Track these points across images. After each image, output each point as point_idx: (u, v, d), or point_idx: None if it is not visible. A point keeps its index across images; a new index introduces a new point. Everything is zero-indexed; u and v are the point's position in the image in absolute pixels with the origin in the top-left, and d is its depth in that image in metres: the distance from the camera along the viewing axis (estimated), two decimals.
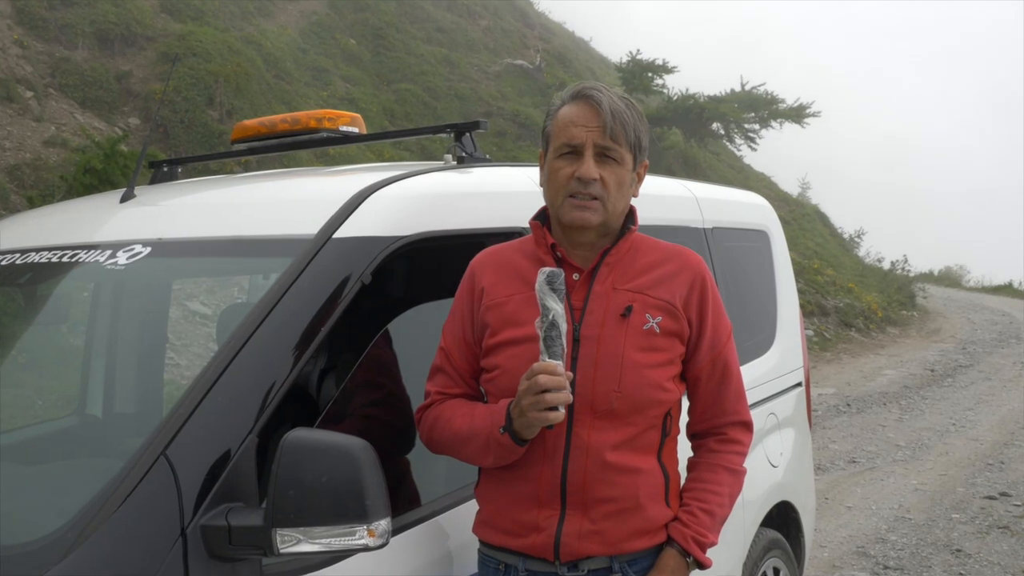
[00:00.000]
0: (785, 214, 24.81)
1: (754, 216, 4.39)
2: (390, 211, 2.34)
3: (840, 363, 15.73)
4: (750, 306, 4.00)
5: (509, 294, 2.19)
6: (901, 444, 9.65)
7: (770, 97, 23.41)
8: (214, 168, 10.09)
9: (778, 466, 3.93)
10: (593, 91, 2.16)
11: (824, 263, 22.63)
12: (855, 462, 8.92)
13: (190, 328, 8.28)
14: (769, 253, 4.37)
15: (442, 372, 2.27)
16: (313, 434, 1.79)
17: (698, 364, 2.23)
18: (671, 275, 2.21)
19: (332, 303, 2.12)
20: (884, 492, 7.87)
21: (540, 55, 23.04)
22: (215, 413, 1.90)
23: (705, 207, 3.82)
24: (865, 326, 19.37)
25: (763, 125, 23.81)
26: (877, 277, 24.39)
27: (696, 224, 3.69)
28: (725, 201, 4.23)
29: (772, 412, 3.97)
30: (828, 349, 16.93)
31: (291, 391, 2.03)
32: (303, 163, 11.61)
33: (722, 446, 2.28)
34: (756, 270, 4.23)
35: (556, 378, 1.95)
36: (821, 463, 8.75)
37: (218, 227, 2.48)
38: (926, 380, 13.84)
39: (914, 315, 22.13)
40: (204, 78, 12.89)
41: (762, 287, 4.25)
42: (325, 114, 3.23)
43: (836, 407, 11.63)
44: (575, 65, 26.42)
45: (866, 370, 14.88)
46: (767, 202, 4.67)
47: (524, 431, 2.04)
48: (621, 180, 2.16)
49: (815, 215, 28.26)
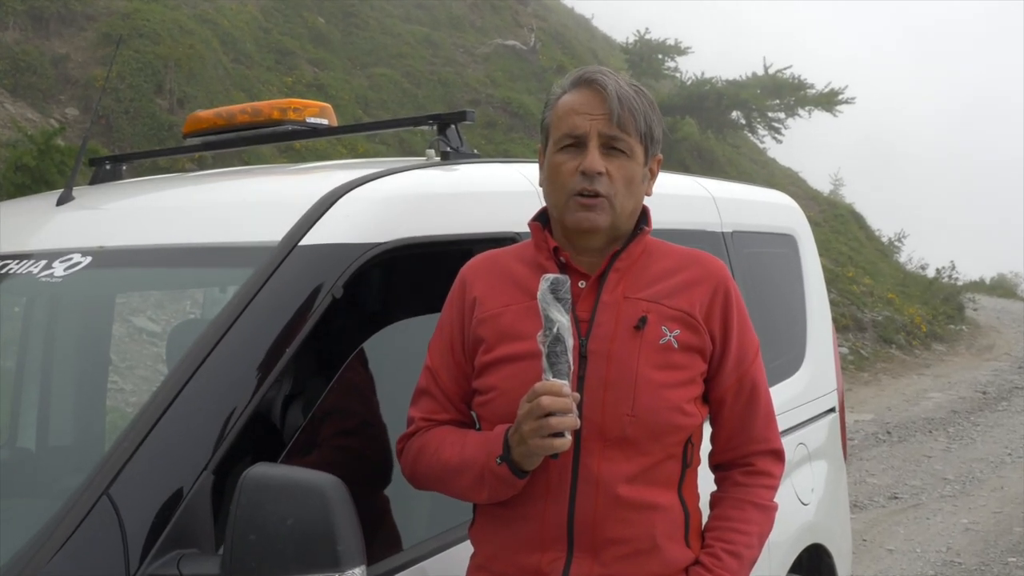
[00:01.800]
0: (815, 215, 24.87)
1: (780, 218, 4.40)
2: (364, 215, 2.34)
3: (879, 385, 15.75)
4: (776, 321, 4.01)
5: (506, 304, 2.19)
6: (949, 477, 9.66)
7: (797, 82, 23.46)
8: (164, 166, 10.09)
9: (809, 504, 3.94)
10: (597, 75, 2.17)
11: (860, 271, 22.67)
12: (897, 498, 8.93)
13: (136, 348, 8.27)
14: (797, 260, 4.38)
15: (428, 395, 2.26)
16: (277, 470, 1.79)
17: (722, 385, 2.23)
18: (690, 283, 2.21)
19: (299, 319, 2.12)
20: (930, 532, 7.88)
21: (535, 34, 23.09)
22: (165, 446, 1.90)
23: (724, 208, 3.83)
24: (907, 342, 19.40)
25: (790, 113, 23.85)
26: (921, 286, 24.41)
27: (714, 227, 3.70)
28: (747, 201, 4.24)
29: (802, 442, 3.97)
30: (865, 369, 16.96)
31: (252, 420, 2.02)
32: (266, 160, 11.61)
33: (750, 479, 2.28)
34: (782, 279, 4.24)
35: (561, 400, 1.94)
36: (858, 500, 8.75)
37: (168, 234, 2.48)
38: (977, 404, 13.87)
39: (963, 329, 22.17)
40: (152, 62, 12.90)
41: (789, 299, 4.26)
42: (290, 103, 3.23)
43: (875, 435, 11.65)
44: (575, 46, 26.47)
45: (909, 393, 14.90)
46: (794, 202, 4.69)
47: (524, 461, 2.03)
48: (631, 175, 2.16)
49: (849, 216, 28.30)
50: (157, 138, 11.95)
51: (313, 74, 16.63)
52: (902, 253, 28.72)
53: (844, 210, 28.52)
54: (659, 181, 2.31)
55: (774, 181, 25.46)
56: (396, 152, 15.27)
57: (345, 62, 17.93)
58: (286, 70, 16.16)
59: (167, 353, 3.59)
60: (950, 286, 24.91)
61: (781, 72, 23.56)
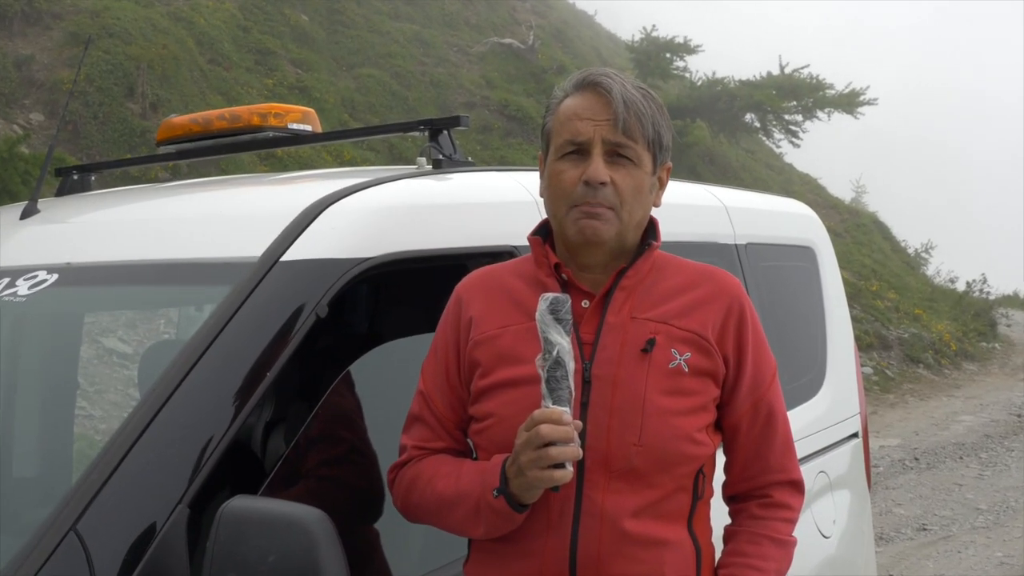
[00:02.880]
0: (836, 224, 24.90)
1: (797, 228, 4.41)
2: (351, 228, 2.35)
3: (906, 407, 15.74)
4: (793, 340, 4.01)
5: (503, 325, 2.19)
6: (982, 507, 9.65)
7: (816, 82, 23.51)
8: (136, 175, 10.11)
9: (830, 536, 3.93)
10: (601, 77, 2.16)
11: (885, 284, 22.70)
12: (926, 530, 8.92)
13: (106, 371, 8.26)
14: (816, 274, 4.39)
15: (421, 422, 2.26)
16: (257, 503, 1.79)
17: (736, 411, 2.23)
18: (702, 302, 2.21)
19: (281, 340, 2.13)
20: (962, 567, 7.86)
21: (533, 32, 23.15)
22: (137, 477, 1.90)
23: (737, 218, 3.84)
24: (936, 361, 19.40)
25: (807, 116, 23.91)
26: (950, 301, 24.44)
27: (726, 239, 3.70)
28: (761, 211, 4.25)
29: (822, 470, 3.97)
30: (891, 390, 16.96)
31: (231, 449, 2.03)
32: (245, 169, 11.63)
33: (767, 511, 2.27)
34: (800, 295, 4.24)
35: (562, 428, 1.94)
36: (884, 531, 8.74)
37: (141, 249, 2.49)
38: (1012, 427, 13.86)
39: (996, 347, 22.18)
40: (123, 63, 12.94)
41: (808, 316, 4.27)
42: (271, 108, 3.24)
43: (901, 462, 11.64)
44: (576, 44, 26.55)
45: (938, 416, 14.89)
46: (812, 211, 4.70)
47: (523, 494, 2.02)
48: (638, 185, 2.16)
49: (873, 225, 28.35)
50: (128, 145, 11.97)
51: (296, 76, 16.67)
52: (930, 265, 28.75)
53: (867, 219, 28.56)
54: (668, 190, 2.31)
55: (791, 188, 25.53)
56: (385, 159, 15.29)
57: (330, 63, 17.98)
58: (267, 71, 16.20)
59: (139, 376, 3.59)
60: (981, 301, 24.93)
61: (798, 71, 23.61)
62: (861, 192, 32.32)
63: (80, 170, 3.49)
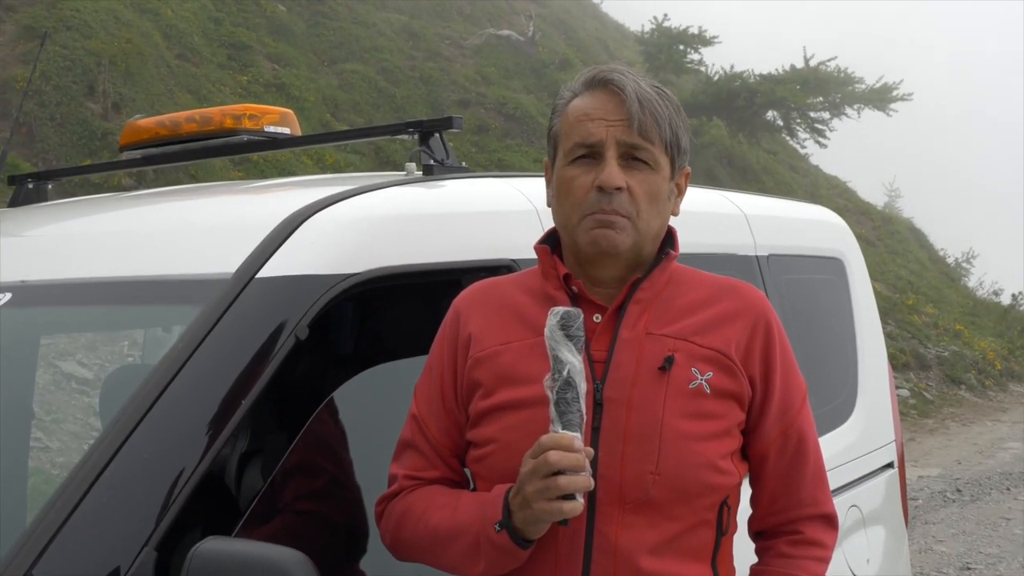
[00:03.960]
0: (867, 232, 24.92)
1: (824, 237, 4.42)
2: (333, 241, 2.36)
3: (947, 433, 15.73)
4: (821, 361, 4.02)
5: (506, 341, 2.18)
6: None
7: (844, 75, 23.57)
8: (97, 183, 10.11)
9: None
10: (613, 74, 2.17)
11: (922, 298, 22.71)
12: (969, 569, 8.90)
13: (64, 398, 8.25)
14: (845, 287, 4.40)
15: (413, 449, 2.25)
16: (232, 545, 1.79)
17: (764, 438, 2.23)
18: (725, 317, 2.21)
19: (257, 364, 2.13)
20: None
21: (533, 23, 23.21)
22: (99, 516, 1.90)
23: (757, 227, 3.85)
24: (979, 382, 19.40)
25: (835, 113, 23.96)
26: (994, 316, 24.45)
27: (746, 250, 3.71)
28: (784, 218, 4.25)
29: (854, 504, 3.97)
30: (930, 415, 16.95)
31: (202, 484, 2.03)
32: (218, 176, 11.64)
33: (797, 549, 2.27)
34: (828, 311, 4.25)
35: (572, 456, 1.93)
36: (924, 571, 8.73)
37: (103, 265, 2.49)
38: None
39: None
40: (83, 59, 12.96)
41: (836, 334, 4.27)
42: (245, 110, 3.25)
43: (942, 494, 11.62)
44: (581, 36, 26.60)
45: (982, 443, 14.87)
46: (840, 218, 4.71)
47: (528, 528, 2.01)
48: (655, 191, 2.16)
49: (908, 233, 28.39)
50: (89, 150, 11.98)
51: (273, 72, 16.71)
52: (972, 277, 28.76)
53: (902, 226, 28.59)
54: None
55: (818, 192, 25.54)
56: (372, 164, 15.31)
57: (310, 57, 18.02)
58: (241, 67, 16.23)
59: (101, 404, 3.59)
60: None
61: (824, 64, 23.64)
62: (895, 196, 32.37)
63: (36, 178, 3.50)
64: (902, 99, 23.85)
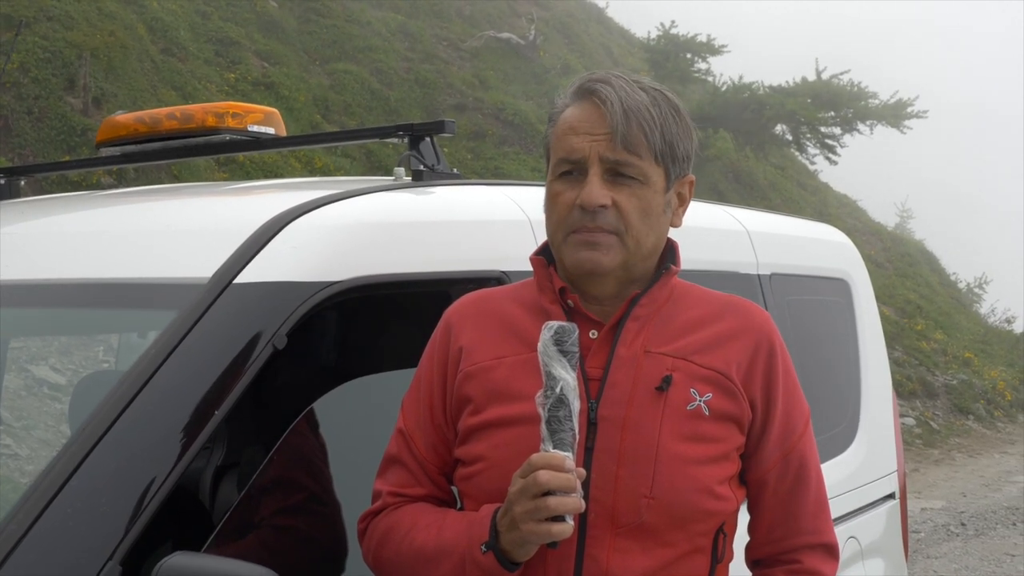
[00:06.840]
0: (877, 253, 24.96)
1: (829, 257, 4.43)
2: (315, 247, 2.36)
3: (952, 465, 15.73)
4: (822, 386, 4.01)
5: (499, 356, 2.18)
6: None
7: (857, 89, 23.58)
8: (75, 180, 10.11)
9: None
10: (598, 84, 2.15)
11: (931, 323, 22.72)
12: None
13: (35, 403, 8.24)
14: (850, 309, 4.40)
15: (399, 464, 2.25)
16: (200, 561, 1.79)
17: (764, 463, 2.23)
18: (726, 336, 2.21)
19: (233, 373, 2.13)
20: None
21: (534, 26, 23.24)
22: (62, 528, 1.89)
23: (760, 244, 3.85)
24: (988, 412, 19.41)
25: (847, 128, 23.97)
26: (1006, 344, 24.46)
27: (747, 269, 3.72)
28: (789, 236, 4.26)
29: (853, 535, 3.97)
30: (936, 445, 16.94)
31: (173, 496, 2.03)
32: (201, 176, 11.64)
33: None
34: (831, 334, 4.25)
35: (563, 476, 1.92)
36: None
37: (77, 266, 2.49)
38: None
39: None
40: (63, 51, 12.96)
41: (839, 358, 4.28)
42: (229, 108, 3.25)
43: (946, 527, 11.62)
44: (584, 40, 26.63)
45: (988, 475, 14.87)
46: (847, 238, 4.71)
47: (516, 550, 2.01)
48: (645, 206, 2.15)
49: (919, 255, 28.42)
50: (67, 145, 11.98)
51: (262, 70, 16.70)
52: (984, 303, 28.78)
53: (912, 248, 28.63)
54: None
55: (826, 211, 25.57)
56: (362, 167, 15.31)
57: (301, 56, 18.02)
58: (228, 64, 16.23)
59: (71, 411, 3.58)
60: None
61: (837, 78, 23.66)
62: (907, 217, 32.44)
63: (9, 173, 3.50)
64: (917, 116, 23.86)
